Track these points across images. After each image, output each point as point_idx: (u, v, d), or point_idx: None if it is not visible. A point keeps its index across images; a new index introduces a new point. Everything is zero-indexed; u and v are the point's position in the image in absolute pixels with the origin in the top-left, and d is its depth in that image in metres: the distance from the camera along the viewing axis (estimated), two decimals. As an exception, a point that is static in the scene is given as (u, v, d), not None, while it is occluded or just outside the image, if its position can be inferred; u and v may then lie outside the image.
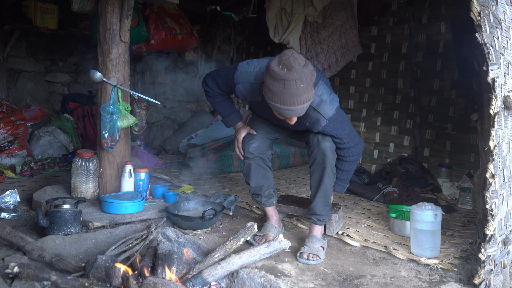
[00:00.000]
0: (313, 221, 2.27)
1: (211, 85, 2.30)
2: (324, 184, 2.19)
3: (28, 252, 1.84)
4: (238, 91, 2.13)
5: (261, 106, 2.18)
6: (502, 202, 1.82)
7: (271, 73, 1.80)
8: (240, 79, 2.10)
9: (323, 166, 2.16)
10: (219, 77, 2.25)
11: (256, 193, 2.39)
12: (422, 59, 4.10)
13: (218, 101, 2.37)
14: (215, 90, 2.31)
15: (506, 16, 1.94)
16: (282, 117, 1.94)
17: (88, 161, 2.70)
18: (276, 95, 1.81)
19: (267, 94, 1.86)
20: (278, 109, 1.87)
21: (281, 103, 1.82)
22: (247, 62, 2.14)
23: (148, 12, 4.35)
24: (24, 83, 4.35)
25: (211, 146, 4.66)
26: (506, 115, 1.86)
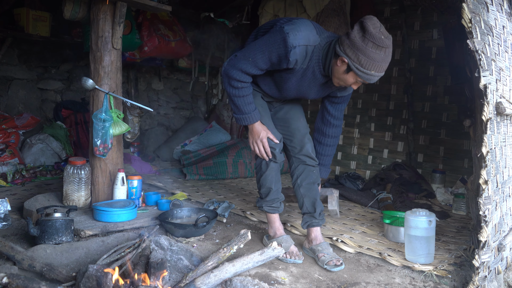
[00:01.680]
0: (315, 223, 2.28)
1: (247, 68, 2.02)
2: (317, 185, 2.32)
3: (18, 262, 1.81)
4: (293, 57, 1.93)
5: (296, 76, 2.08)
6: (495, 208, 1.83)
7: (376, 40, 1.79)
8: (297, 42, 1.92)
9: (313, 172, 2.29)
10: (261, 56, 1.98)
11: (274, 198, 2.29)
12: (415, 65, 4.12)
13: (246, 94, 2.11)
14: (249, 76, 2.06)
15: (497, 22, 1.96)
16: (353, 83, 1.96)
17: (80, 169, 2.68)
18: (375, 63, 1.84)
19: (362, 63, 1.84)
20: (369, 76, 1.89)
21: (377, 70, 1.87)
22: (287, 23, 1.96)
23: (141, 19, 4.34)
24: (16, 91, 4.32)
25: (205, 152, 4.65)
26: (498, 121, 1.86)
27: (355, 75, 1.91)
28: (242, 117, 2.16)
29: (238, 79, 2.05)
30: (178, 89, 5.80)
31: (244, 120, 2.17)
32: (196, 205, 3.05)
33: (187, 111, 5.91)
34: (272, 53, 1.96)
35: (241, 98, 2.11)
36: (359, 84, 2.00)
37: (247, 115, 2.15)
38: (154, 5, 2.78)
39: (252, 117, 2.16)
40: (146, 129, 5.41)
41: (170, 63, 5.40)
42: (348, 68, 1.90)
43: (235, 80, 2.06)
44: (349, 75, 1.93)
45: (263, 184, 2.28)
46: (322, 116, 2.37)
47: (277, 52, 1.95)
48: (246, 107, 2.13)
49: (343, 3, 4.22)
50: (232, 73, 2.05)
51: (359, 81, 1.96)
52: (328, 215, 2.67)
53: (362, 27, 1.83)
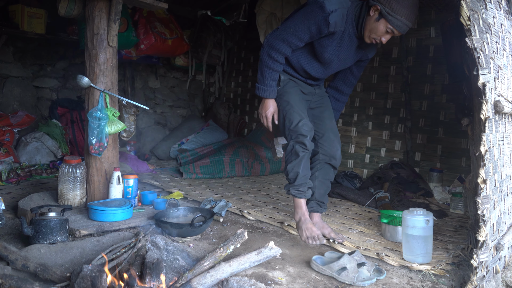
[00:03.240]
0: (318, 210, 2.52)
1: (289, 39, 2.21)
2: (329, 180, 2.55)
3: (12, 262, 1.79)
4: (333, 19, 2.13)
5: (335, 41, 2.26)
6: (493, 207, 1.81)
7: None
8: (334, 6, 2.12)
9: (331, 171, 2.53)
10: (301, 27, 2.17)
11: (301, 182, 2.35)
12: (412, 63, 4.11)
13: (277, 70, 2.32)
14: (289, 48, 2.26)
15: (496, 20, 1.94)
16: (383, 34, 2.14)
17: (75, 168, 2.66)
18: (405, 8, 2.05)
19: (393, 7, 2.05)
20: (398, 22, 2.08)
21: (405, 17, 2.07)
22: None
23: (137, 17, 4.32)
24: (11, 89, 4.28)
25: (202, 151, 4.63)
26: (496, 119, 1.85)
27: (386, 22, 2.11)
28: (263, 88, 2.36)
29: (279, 49, 2.24)
30: (175, 88, 5.78)
31: (264, 91, 2.36)
32: (192, 204, 3.03)
33: (184, 110, 5.89)
34: (311, 22, 2.15)
35: (271, 70, 2.31)
36: (388, 36, 2.17)
37: (268, 88, 2.35)
38: (150, 2, 2.76)
39: (271, 92, 2.37)
40: (143, 128, 5.39)
41: (167, 61, 5.38)
42: (380, 15, 2.11)
43: (275, 51, 2.25)
44: (380, 23, 2.12)
45: (291, 169, 2.36)
46: (345, 77, 2.61)
47: (316, 20, 2.14)
48: (270, 81, 2.33)
49: (341, 1, 4.21)
50: (275, 43, 2.24)
51: (389, 28, 2.12)
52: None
53: None
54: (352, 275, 1.89)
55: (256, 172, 4.42)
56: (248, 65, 5.71)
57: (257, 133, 5.04)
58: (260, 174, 4.45)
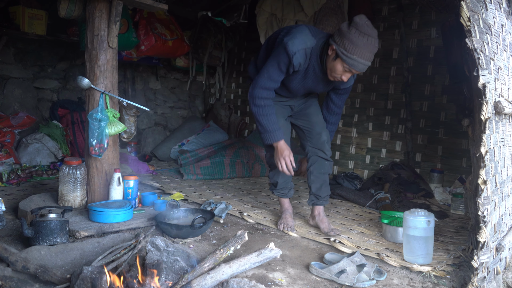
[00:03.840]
0: (319, 203, 2.65)
1: (266, 84, 2.31)
2: (327, 174, 2.67)
3: (12, 264, 1.79)
4: (296, 61, 2.24)
5: (299, 75, 2.37)
6: (494, 208, 1.81)
7: (359, 27, 2.06)
8: (296, 48, 2.21)
9: (325, 164, 2.64)
10: (273, 70, 2.29)
11: (282, 187, 2.70)
12: (413, 64, 4.11)
13: (270, 113, 2.38)
14: (270, 92, 2.35)
15: (496, 21, 1.94)
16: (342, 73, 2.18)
17: (75, 169, 2.66)
18: (358, 48, 2.06)
19: (346, 47, 2.07)
20: (352, 62, 2.09)
21: (360, 56, 2.07)
22: (286, 35, 2.26)
23: (138, 18, 4.32)
24: (11, 90, 4.29)
25: (203, 152, 4.63)
26: (497, 120, 1.85)
27: (342, 61, 2.14)
28: (267, 135, 2.41)
29: (261, 96, 2.34)
30: (176, 89, 5.78)
31: (270, 138, 2.41)
32: (193, 206, 3.03)
33: (184, 111, 5.89)
34: (280, 64, 2.27)
35: (266, 116, 2.37)
36: (348, 74, 2.20)
37: (272, 133, 2.40)
38: (151, 4, 2.76)
39: (277, 135, 2.41)
40: (143, 129, 5.39)
41: (167, 62, 5.38)
42: (336, 55, 2.15)
43: (258, 98, 2.34)
44: (337, 62, 2.16)
45: (271, 177, 2.72)
46: (327, 105, 2.70)
47: (283, 61, 2.26)
48: (271, 125, 2.39)
49: (341, 2, 4.20)
50: (255, 92, 2.34)
51: (346, 67, 2.16)
52: None
53: (350, 20, 2.12)
54: (352, 276, 1.89)
55: (257, 173, 4.42)
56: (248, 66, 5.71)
57: (258, 134, 5.03)
58: (260, 175, 4.45)
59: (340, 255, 2.12)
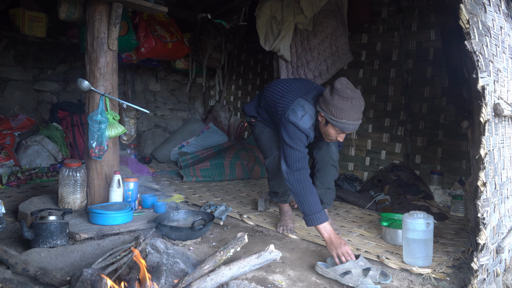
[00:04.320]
0: (323, 206, 2.65)
1: (303, 164, 2.32)
2: (333, 181, 2.75)
3: (12, 266, 1.79)
4: (311, 134, 2.36)
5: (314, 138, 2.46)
6: (494, 210, 1.81)
7: (341, 93, 2.15)
8: (307, 125, 2.32)
9: (331, 171, 2.71)
10: (300, 145, 2.32)
11: (282, 194, 2.75)
12: (412, 66, 4.11)
13: (311, 191, 2.28)
14: (306, 165, 2.35)
15: (495, 23, 1.95)
16: (336, 135, 2.27)
17: (75, 171, 2.66)
18: (344, 112, 2.15)
19: (333, 113, 2.17)
20: (342, 125, 2.18)
21: (348, 118, 2.16)
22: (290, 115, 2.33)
23: (137, 20, 4.33)
24: (11, 92, 4.29)
25: (202, 154, 4.63)
26: (496, 122, 1.85)
27: (332, 126, 2.23)
28: (311, 217, 2.23)
29: (300, 168, 2.30)
30: (175, 90, 5.79)
31: (315, 220, 2.22)
32: (193, 208, 3.03)
33: (184, 113, 5.90)
34: (301, 138, 2.33)
35: (308, 195, 2.25)
36: (342, 135, 2.29)
37: (317, 215, 2.22)
38: (150, 6, 2.76)
39: (322, 217, 2.22)
40: (143, 131, 5.39)
41: (167, 64, 5.38)
42: (326, 121, 2.26)
43: (298, 172, 2.29)
44: (329, 127, 2.26)
45: (272, 187, 2.77)
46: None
47: (302, 137, 2.33)
48: (315, 206, 2.23)
49: (340, 4, 4.21)
50: (293, 169, 2.30)
51: (338, 131, 2.25)
52: None
53: (331, 87, 2.22)
54: (356, 278, 1.88)
55: (257, 175, 4.42)
56: (248, 68, 5.71)
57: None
58: (260, 177, 4.45)
59: None
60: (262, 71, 5.50)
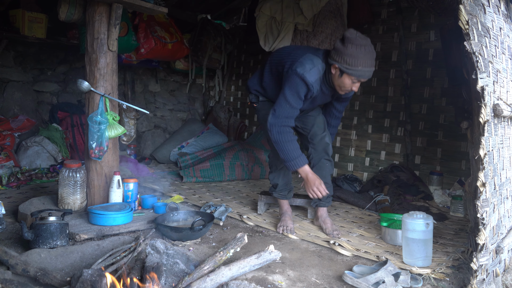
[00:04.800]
0: (322, 204, 2.75)
1: (288, 113, 2.38)
2: (329, 175, 2.77)
3: (12, 267, 1.79)
4: (315, 89, 2.38)
5: (310, 98, 2.47)
6: (493, 211, 1.81)
7: (353, 41, 2.19)
8: (313, 78, 2.34)
9: (326, 165, 2.74)
10: (294, 99, 2.36)
11: (282, 188, 2.78)
12: (412, 67, 4.11)
13: (292, 139, 2.42)
14: (293, 121, 2.43)
15: (494, 24, 1.95)
16: (351, 85, 2.30)
17: (75, 172, 2.66)
18: (359, 59, 2.19)
19: (348, 62, 2.20)
20: (358, 72, 2.22)
21: (363, 65, 2.20)
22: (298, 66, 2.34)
23: (137, 21, 4.33)
24: (11, 93, 4.29)
25: (202, 155, 4.63)
26: (495, 123, 1.86)
27: (348, 75, 2.26)
28: (293, 163, 2.43)
29: (284, 124, 2.39)
30: (175, 91, 5.79)
31: (296, 163, 2.43)
32: (192, 208, 3.03)
33: (184, 113, 5.90)
34: (299, 93, 2.36)
35: (289, 143, 2.41)
36: (357, 85, 2.33)
37: (297, 160, 2.42)
38: (150, 7, 2.76)
39: (301, 159, 2.43)
40: (143, 131, 5.40)
41: (167, 65, 5.39)
42: (341, 72, 2.28)
43: (282, 126, 2.39)
44: (344, 78, 2.29)
45: (272, 179, 2.81)
46: (329, 111, 2.82)
47: (302, 91, 2.36)
48: (295, 152, 2.42)
49: (340, 5, 4.21)
50: (279, 121, 2.39)
51: (354, 80, 2.28)
52: None
53: (342, 37, 2.27)
54: None
55: (256, 175, 4.42)
56: (248, 69, 5.72)
57: (257, 136, 5.04)
58: (260, 178, 4.45)
59: (368, 266, 2.04)
60: (261, 72, 5.50)
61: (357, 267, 2.05)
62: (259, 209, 3.03)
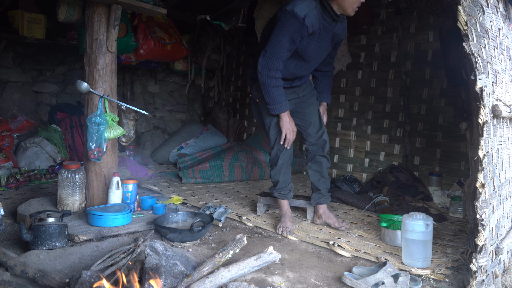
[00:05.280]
0: (323, 201, 2.80)
1: (280, 54, 2.37)
2: (326, 169, 2.83)
3: (11, 268, 1.79)
4: (308, 21, 2.31)
5: (314, 38, 2.44)
6: (492, 212, 1.82)
7: None
8: (304, 11, 2.30)
9: (325, 155, 2.80)
10: (285, 40, 2.34)
11: (282, 186, 2.77)
12: (411, 67, 4.12)
13: (280, 84, 2.48)
14: (282, 63, 2.43)
15: (493, 25, 1.95)
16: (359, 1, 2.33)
17: (74, 173, 2.66)
18: None
19: None
20: None
21: None
22: (287, 5, 2.33)
23: (136, 22, 4.33)
24: (10, 94, 4.29)
25: (201, 156, 4.63)
26: (494, 123, 1.86)
27: None
28: (276, 107, 2.50)
29: (275, 67, 2.41)
30: (174, 92, 5.79)
31: (279, 109, 2.51)
32: (192, 209, 3.03)
33: (183, 114, 5.90)
34: (292, 32, 2.32)
35: (276, 88, 2.46)
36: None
37: (281, 104, 2.50)
38: (149, 8, 2.76)
39: (285, 105, 2.52)
40: (142, 132, 5.39)
41: (166, 66, 5.38)
42: None
43: (273, 70, 2.41)
44: None
45: (272, 176, 2.78)
46: (324, 60, 2.79)
47: (295, 29, 2.31)
48: (280, 97, 2.49)
49: (339, 6, 4.21)
50: (270, 63, 2.40)
51: None
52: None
53: None
54: None
55: (256, 176, 4.42)
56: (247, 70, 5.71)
57: (256, 137, 5.04)
58: (259, 179, 4.45)
59: (368, 268, 2.04)
60: (261, 73, 5.50)
61: (357, 268, 2.04)
62: (258, 210, 3.03)
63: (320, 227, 2.79)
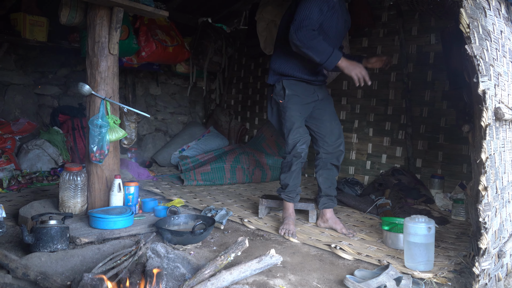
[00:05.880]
0: (329, 205, 2.79)
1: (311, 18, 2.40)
2: (335, 177, 2.84)
3: (12, 270, 1.78)
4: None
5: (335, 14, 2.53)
6: (495, 215, 1.81)
7: None
8: None
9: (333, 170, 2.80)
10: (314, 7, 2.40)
11: (291, 190, 2.75)
12: (413, 70, 4.11)
13: (320, 38, 2.44)
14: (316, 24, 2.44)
15: (495, 27, 1.95)
16: None
17: (76, 175, 2.66)
18: None
19: None
20: None
21: None
22: None
23: (138, 24, 4.34)
24: (12, 96, 4.30)
25: (203, 158, 4.63)
26: (497, 126, 1.85)
27: None
28: (331, 58, 2.42)
29: (312, 27, 2.40)
30: (176, 94, 5.79)
31: (334, 57, 2.43)
32: (193, 212, 3.03)
33: (184, 116, 5.90)
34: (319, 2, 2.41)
35: (319, 41, 2.41)
36: None
37: (333, 53, 2.42)
38: (151, 11, 2.77)
39: (337, 52, 2.45)
40: (144, 135, 5.40)
41: (168, 68, 5.39)
42: None
43: (311, 30, 2.40)
44: None
45: (283, 179, 2.76)
46: None
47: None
48: (328, 47, 2.42)
49: (341, 8, 4.21)
50: (302, 24, 2.39)
51: None
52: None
53: None
54: None
55: (257, 179, 4.42)
56: (249, 72, 5.72)
57: (258, 139, 5.04)
58: (261, 181, 4.45)
59: (370, 271, 2.04)
60: (262, 75, 5.50)
61: (359, 271, 2.03)
62: (260, 212, 3.02)
63: (322, 230, 2.79)
